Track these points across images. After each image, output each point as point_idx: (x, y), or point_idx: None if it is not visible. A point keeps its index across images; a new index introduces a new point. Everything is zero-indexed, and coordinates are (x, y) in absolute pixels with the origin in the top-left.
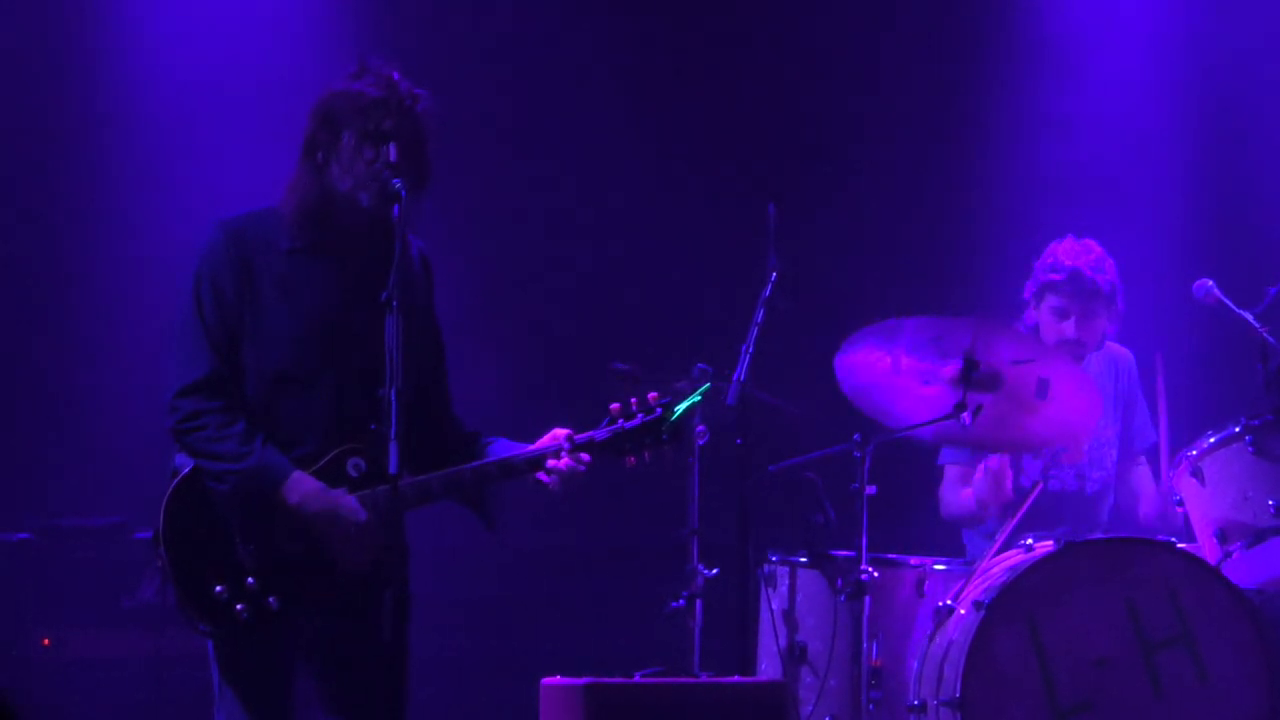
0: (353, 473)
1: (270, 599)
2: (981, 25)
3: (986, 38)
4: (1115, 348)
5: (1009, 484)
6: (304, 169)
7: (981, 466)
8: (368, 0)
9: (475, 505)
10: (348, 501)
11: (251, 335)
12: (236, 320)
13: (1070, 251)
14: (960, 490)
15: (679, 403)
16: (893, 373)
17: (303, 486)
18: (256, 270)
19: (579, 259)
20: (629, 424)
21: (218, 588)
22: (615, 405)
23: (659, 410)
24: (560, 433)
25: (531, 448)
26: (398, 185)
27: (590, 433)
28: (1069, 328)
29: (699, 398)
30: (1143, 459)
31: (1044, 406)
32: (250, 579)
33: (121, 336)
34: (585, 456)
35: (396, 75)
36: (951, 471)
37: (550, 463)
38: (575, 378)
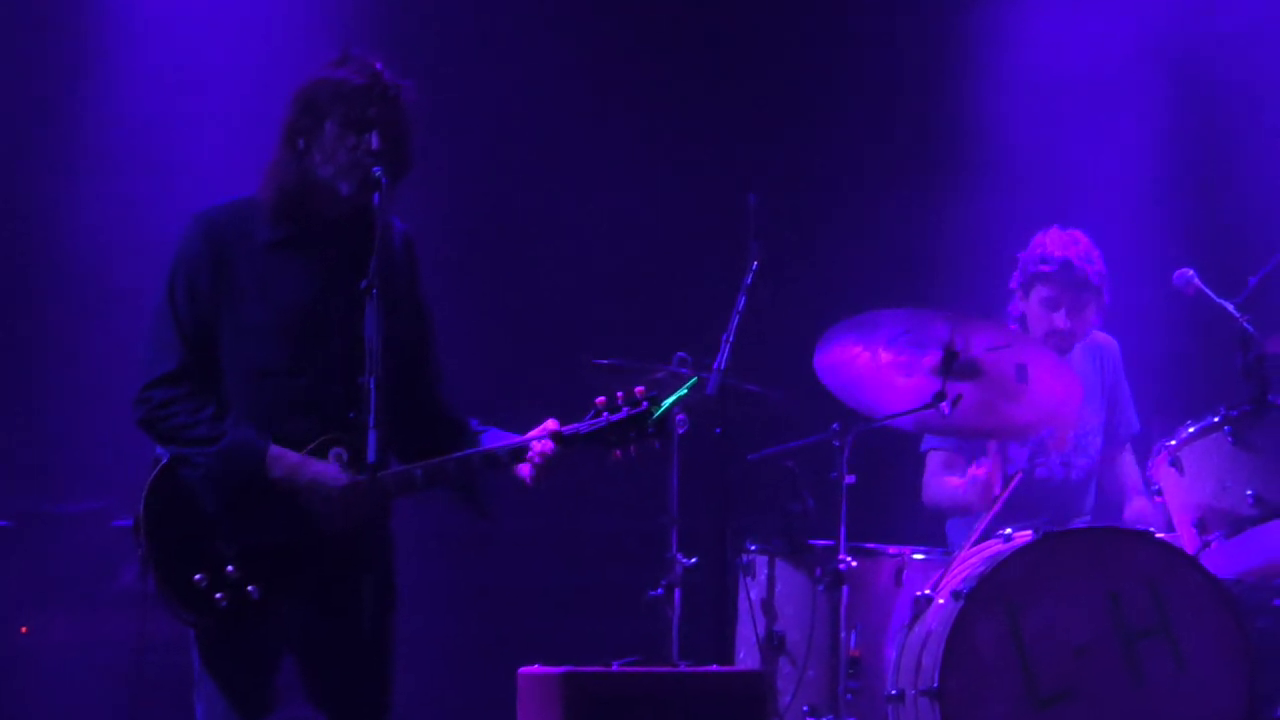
0: (335, 462)
1: (250, 587)
2: (960, 18)
3: (965, 31)
4: (1100, 336)
5: (997, 489)
6: (284, 155)
7: (969, 475)
8: None
9: (467, 494)
10: (329, 468)
11: (230, 328)
12: (212, 314)
13: (1060, 242)
14: (943, 478)
15: (665, 397)
16: (872, 366)
17: (285, 460)
18: (233, 263)
19: (558, 249)
20: (615, 417)
21: (197, 576)
22: (601, 399)
23: (645, 404)
24: (551, 424)
25: (516, 438)
26: (379, 173)
27: (575, 425)
28: (1060, 319)
29: (685, 391)
30: (1127, 448)
31: (1025, 392)
32: (230, 567)
33: (101, 323)
34: (560, 449)
35: (379, 65)
36: (934, 459)
37: (534, 444)
38: (555, 369)
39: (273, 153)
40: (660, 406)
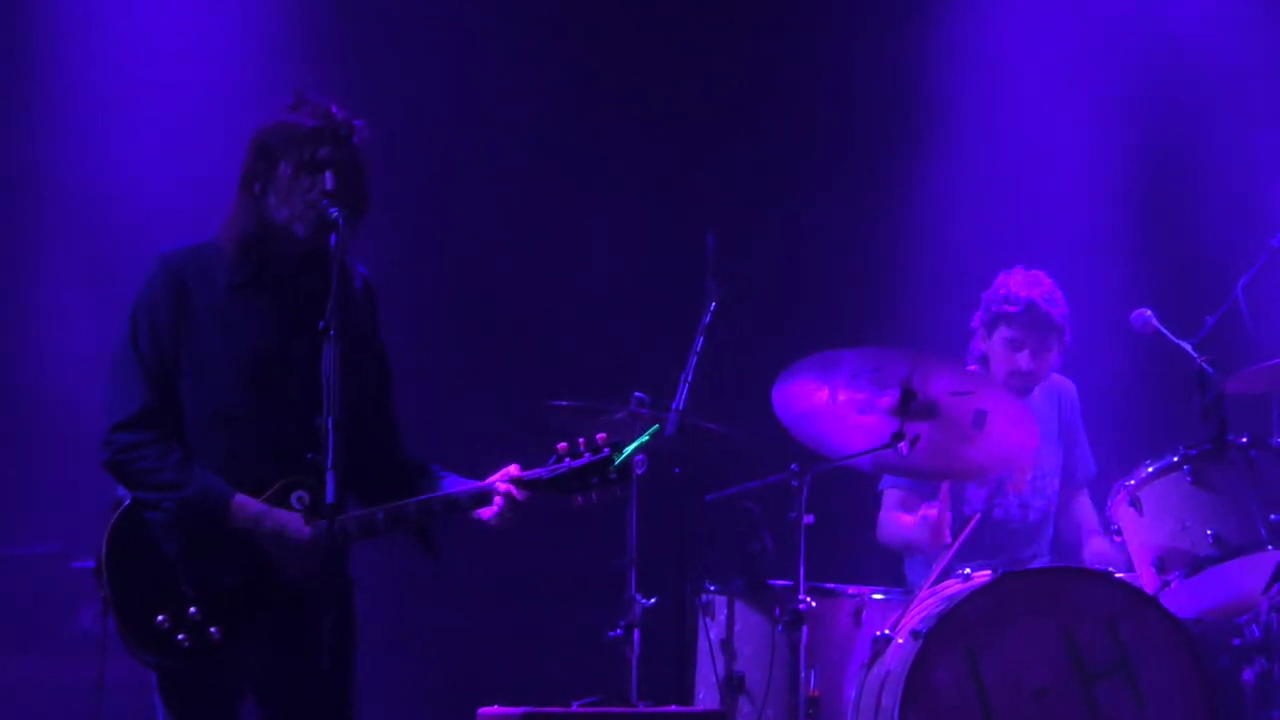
0: (296, 505)
1: (212, 629)
2: (921, 54)
3: (926, 67)
4: (1058, 378)
5: (947, 534)
6: (241, 201)
7: (920, 516)
8: (312, 14)
9: (420, 536)
10: (293, 520)
11: (190, 370)
12: (173, 355)
13: (1024, 283)
14: (898, 516)
15: (627, 444)
16: (830, 403)
17: (248, 509)
18: (194, 305)
19: (515, 289)
20: (577, 463)
21: (160, 617)
22: (562, 445)
23: (606, 450)
24: (513, 469)
25: (477, 484)
26: (335, 214)
27: (537, 470)
28: (1023, 359)
29: (647, 438)
30: (1084, 490)
31: (981, 436)
32: (192, 609)
33: (63, 364)
34: (521, 494)
35: (334, 107)
36: (890, 496)
37: (499, 489)
38: (513, 409)
39: (231, 198)
40: (622, 453)
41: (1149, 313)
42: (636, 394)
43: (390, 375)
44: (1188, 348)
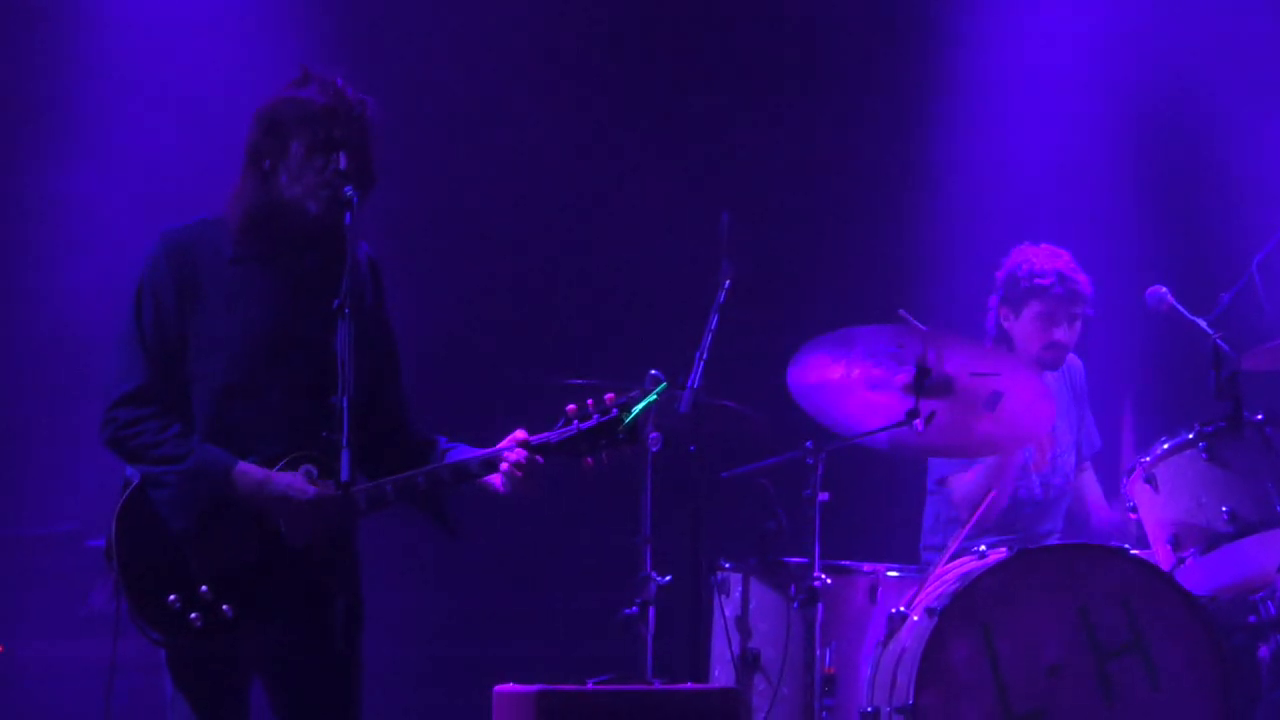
0: (303, 476)
1: (225, 607)
2: (935, 32)
3: (940, 42)
4: (1069, 356)
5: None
6: (249, 176)
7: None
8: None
9: (434, 512)
10: (296, 480)
11: (198, 346)
12: (178, 333)
13: (1047, 257)
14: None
15: (635, 403)
16: (845, 380)
17: (251, 475)
18: (201, 281)
19: (531, 268)
20: (585, 425)
21: (171, 597)
22: (571, 406)
23: (615, 411)
24: (519, 434)
25: (484, 451)
26: (350, 193)
27: (545, 434)
28: (1060, 332)
29: (655, 397)
30: (1088, 465)
31: (996, 415)
32: (204, 587)
33: (75, 344)
34: (531, 457)
35: (341, 81)
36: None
37: (506, 454)
38: (527, 388)
39: (237, 173)
40: (630, 413)
41: (1164, 290)
42: (652, 372)
43: (397, 352)
44: (1203, 325)
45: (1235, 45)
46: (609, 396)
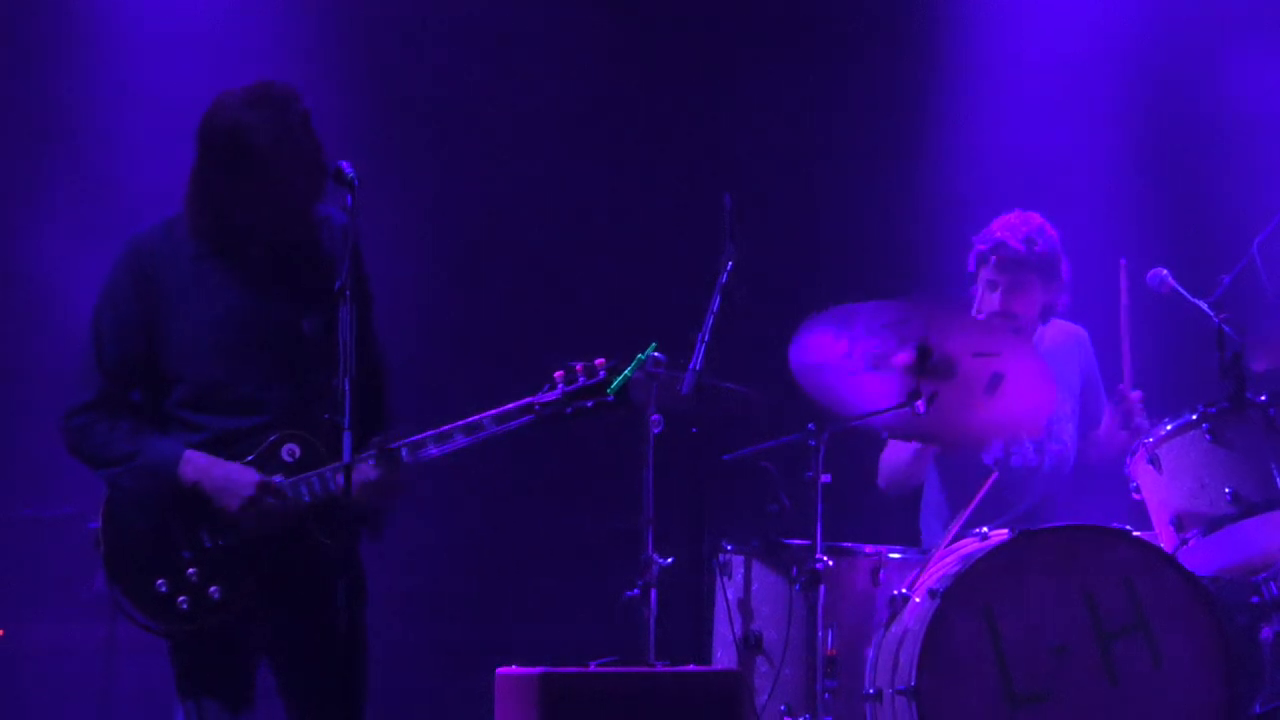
0: (287, 458)
1: (211, 589)
2: (937, 13)
3: (942, 24)
4: (1070, 326)
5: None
6: (197, 181)
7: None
8: None
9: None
10: (238, 470)
11: (166, 344)
12: (144, 338)
13: (1003, 223)
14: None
15: (624, 367)
16: (847, 358)
17: (197, 461)
18: (163, 281)
19: (532, 249)
20: (571, 387)
21: (159, 582)
22: (559, 372)
23: (603, 373)
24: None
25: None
26: (350, 174)
27: (533, 397)
28: (995, 300)
29: (644, 358)
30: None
31: (995, 398)
32: (190, 570)
33: (76, 327)
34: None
35: (273, 81)
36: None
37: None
38: (528, 370)
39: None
40: (619, 375)
41: (1165, 272)
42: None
43: (369, 316)
44: (1205, 307)
45: (1235, 26)
46: (599, 361)
